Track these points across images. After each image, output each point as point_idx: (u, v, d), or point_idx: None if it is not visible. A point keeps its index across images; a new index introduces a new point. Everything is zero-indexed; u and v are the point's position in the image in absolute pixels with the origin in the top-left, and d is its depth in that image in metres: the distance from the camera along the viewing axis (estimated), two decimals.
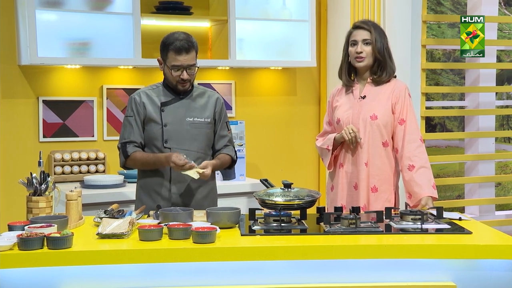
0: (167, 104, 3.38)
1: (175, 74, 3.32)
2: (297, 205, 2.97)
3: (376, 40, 3.38)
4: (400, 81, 3.49)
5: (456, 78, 7.11)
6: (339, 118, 3.46)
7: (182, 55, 3.28)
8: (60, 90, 4.52)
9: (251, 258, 2.57)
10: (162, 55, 3.37)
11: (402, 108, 3.38)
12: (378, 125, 3.37)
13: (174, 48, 3.28)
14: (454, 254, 2.63)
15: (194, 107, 3.40)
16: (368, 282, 2.63)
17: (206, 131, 3.41)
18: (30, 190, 2.94)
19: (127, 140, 3.40)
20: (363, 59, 3.40)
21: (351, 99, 3.46)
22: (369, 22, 3.49)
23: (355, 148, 3.40)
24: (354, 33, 3.44)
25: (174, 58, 3.30)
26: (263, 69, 5.09)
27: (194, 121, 3.38)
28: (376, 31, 3.41)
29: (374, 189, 3.39)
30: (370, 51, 3.39)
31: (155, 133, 3.37)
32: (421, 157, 3.33)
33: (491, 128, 5.41)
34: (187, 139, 3.37)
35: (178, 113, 3.38)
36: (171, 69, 3.31)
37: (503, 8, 6.67)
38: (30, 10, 4.12)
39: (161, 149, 3.36)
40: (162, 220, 2.83)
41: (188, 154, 3.32)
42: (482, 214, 5.35)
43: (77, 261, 2.47)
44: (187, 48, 3.29)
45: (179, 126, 3.37)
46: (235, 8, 4.64)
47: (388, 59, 3.42)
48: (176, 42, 3.29)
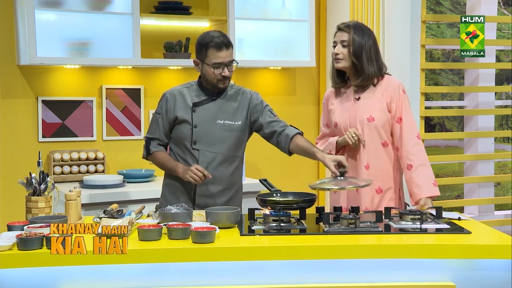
0: (198, 105, 3.33)
1: (217, 71, 3.25)
2: (296, 205, 2.97)
3: (354, 42, 3.33)
4: (393, 78, 3.44)
5: (456, 78, 7.12)
6: (336, 121, 3.44)
7: (223, 51, 3.23)
8: (60, 90, 4.52)
9: (251, 258, 2.57)
10: (200, 55, 3.29)
11: (398, 107, 3.36)
12: (375, 126, 3.35)
13: (214, 45, 3.23)
14: (453, 254, 2.63)
15: (226, 109, 3.34)
16: (368, 282, 2.63)
17: (237, 134, 3.34)
18: (29, 190, 2.94)
19: (151, 136, 3.40)
20: (339, 61, 3.38)
21: (346, 101, 3.44)
22: (352, 23, 3.42)
23: (355, 151, 3.39)
24: (336, 34, 3.43)
25: (215, 55, 3.24)
26: (262, 69, 5.09)
27: (225, 123, 3.32)
28: (356, 33, 3.35)
29: (379, 190, 3.38)
30: (347, 53, 3.35)
31: (185, 133, 3.33)
32: (419, 155, 3.32)
33: (490, 128, 5.42)
34: (216, 141, 3.31)
35: (209, 114, 3.32)
36: (212, 67, 3.24)
37: (502, 8, 6.67)
38: (30, 10, 4.12)
39: (190, 150, 3.32)
40: (162, 220, 2.83)
41: (216, 156, 3.29)
42: (481, 214, 5.35)
43: (77, 261, 2.46)
44: (227, 44, 3.25)
45: (209, 127, 3.31)
46: (234, 8, 4.64)
47: (367, 62, 3.34)
48: (215, 39, 3.24)
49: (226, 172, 3.34)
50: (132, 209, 3.21)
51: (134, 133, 4.72)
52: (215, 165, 3.31)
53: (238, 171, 3.41)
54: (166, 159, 3.36)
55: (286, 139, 3.34)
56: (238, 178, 3.43)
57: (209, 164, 3.30)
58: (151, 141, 3.39)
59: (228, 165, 3.33)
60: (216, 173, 3.29)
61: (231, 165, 3.35)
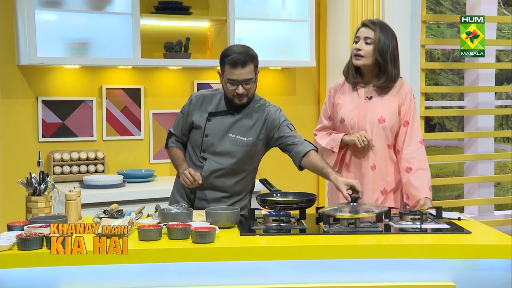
0: (215, 115, 3.29)
1: (230, 88, 3.20)
2: (296, 205, 2.97)
3: (380, 40, 3.28)
4: (405, 81, 3.41)
5: (456, 78, 7.12)
6: (343, 117, 3.38)
7: (237, 69, 3.15)
8: (60, 90, 4.52)
9: (251, 258, 2.57)
10: (221, 67, 3.25)
11: (407, 111, 3.34)
12: (385, 128, 3.32)
13: (230, 62, 3.16)
14: (453, 254, 2.63)
15: (241, 125, 3.28)
16: (367, 282, 2.63)
17: (246, 149, 3.28)
18: (29, 190, 2.94)
19: (172, 131, 3.45)
20: (360, 58, 3.31)
21: (356, 98, 3.38)
22: (378, 22, 3.36)
23: (361, 151, 3.36)
24: (360, 30, 3.35)
25: (230, 72, 3.17)
26: (262, 69, 5.07)
27: (236, 138, 3.27)
28: (382, 32, 3.30)
29: (384, 191, 3.37)
30: (371, 51, 3.29)
31: (197, 139, 3.32)
32: (420, 159, 3.31)
33: (490, 128, 5.42)
34: (224, 154, 3.28)
35: (223, 127, 3.28)
36: (226, 82, 3.21)
37: (502, 8, 6.67)
38: (30, 10, 4.12)
39: (198, 156, 3.32)
40: (162, 220, 2.83)
41: (222, 168, 3.27)
42: (481, 214, 5.35)
43: (77, 261, 2.46)
44: (243, 62, 3.15)
45: (219, 139, 3.28)
46: (234, 8, 4.64)
47: (390, 64, 3.31)
48: (233, 55, 3.16)
49: (228, 183, 3.31)
50: (132, 209, 3.21)
51: (134, 133, 4.72)
52: (218, 175, 3.29)
53: (244, 182, 3.36)
54: (176, 156, 3.39)
55: (298, 156, 3.24)
56: (244, 188, 3.38)
57: (213, 173, 3.29)
58: (171, 135, 3.45)
59: (232, 177, 3.31)
60: (217, 182, 3.29)
61: (236, 177, 3.32)
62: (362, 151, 3.35)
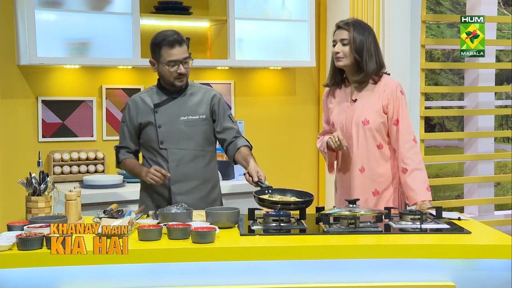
0: (160, 105, 3.39)
1: (172, 69, 3.31)
2: (294, 205, 2.97)
3: (355, 39, 3.31)
4: (391, 78, 3.40)
5: (455, 78, 7.12)
6: (333, 121, 3.43)
7: (176, 48, 3.30)
8: (60, 90, 4.52)
9: (251, 258, 2.57)
10: (154, 55, 3.37)
11: (395, 109, 3.32)
12: (370, 129, 3.32)
13: (167, 44, 3.30)
14: (453, 254, 2.63)
15: (188, 105, 3.40)
16: (367, 282, 2.63)
17: (202, 128, 3.40)
18: (29, 190, 2.94)
19: (120, 145, 3.49)
20: (340, 59, 3.34)
21: (343, 102, 3.41)
22: (351, 21, 3.38)
23: (348, 154, 3.37)
24: (335, 33, 3.40)
25: (169, 54, 3.31)
26: (262, 69, 5.09)
27: (188, 119, 3.38)
28: (356, 30, 3.32)
29: (376, 192, 3.37)
30: (348, 51, 3.32)
31: (150, 135, 3.38)
32: (414, 159, 3.29)
33: (490, 128, 5.42)
34: (182, 138, 3.37)
35: (172, 113, 3.38)
36: (167, 65, 3.31)
37: (502, 8, 6.67)
38: (29, 10, 4.12)
39: (158, 151, 3.37)
40: (161, 220, 2.83)
41: (186, 153, 3.35)
42: (481, 214, 5.35)
43: (77, 261, 2.46)
44: (179, 41, 3.32)
45: (173, 126, 3.37)
46: (234, 8, 4.64)
47: (369, 59, 3.32)
48: (167, 38, 3.32)
49: (198, 168, 3.39)
50: (132, 209, 3.21)
51: None
52: (185, 162, 3.36)
53: (211, 166, 3.46)
54: (133, 165, 3.44)
55: (233, 149, 3.41)
56: (213, 173, 3.48)
57: (179, 161, 3.35)
58: (120, 149, 3.49)
59: (199, 161, 3.38)
60: (188, 169, 3.35)
61: (203, 160, 3.40)
62: (349, 153, 3.36)
